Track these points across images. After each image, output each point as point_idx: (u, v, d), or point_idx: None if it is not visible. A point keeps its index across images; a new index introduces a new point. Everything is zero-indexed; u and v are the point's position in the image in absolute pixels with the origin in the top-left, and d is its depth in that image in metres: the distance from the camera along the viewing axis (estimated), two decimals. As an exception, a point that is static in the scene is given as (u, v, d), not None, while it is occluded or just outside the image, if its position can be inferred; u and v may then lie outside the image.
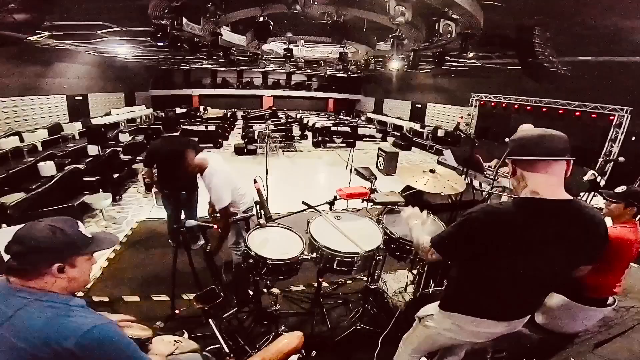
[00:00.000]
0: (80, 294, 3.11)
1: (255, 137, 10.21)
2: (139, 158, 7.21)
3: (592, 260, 1.37)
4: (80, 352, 0.91)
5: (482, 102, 11.54)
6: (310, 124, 13.73)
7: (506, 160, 1.38)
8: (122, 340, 1.02)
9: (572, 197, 1.23)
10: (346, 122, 15.31)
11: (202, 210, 4.95)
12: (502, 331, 1.45)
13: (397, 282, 3.30)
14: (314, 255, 2.17)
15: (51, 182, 4.75)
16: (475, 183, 4.21)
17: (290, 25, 5.75)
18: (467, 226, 1.28)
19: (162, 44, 5.15)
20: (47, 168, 5.94)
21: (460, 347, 1.79)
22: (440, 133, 12.99)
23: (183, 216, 3.89)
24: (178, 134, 3.74)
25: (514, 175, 1.32)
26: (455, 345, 1.69)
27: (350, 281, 3.42)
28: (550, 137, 1.20)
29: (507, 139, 1.34)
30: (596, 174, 3.86)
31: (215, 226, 2.22)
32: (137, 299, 3.13)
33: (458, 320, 1.44)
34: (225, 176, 2.67)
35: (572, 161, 1.22)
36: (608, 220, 2.30)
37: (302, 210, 2.91)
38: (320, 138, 11.77)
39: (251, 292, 2.71)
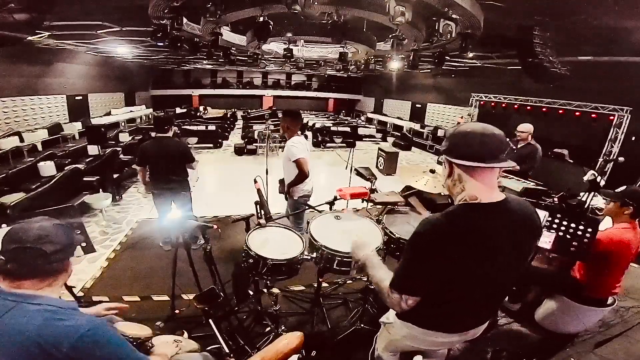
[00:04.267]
0: (81, 294, 3.12)
1: (255, 137, 10.22)
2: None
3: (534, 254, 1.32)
4: (76, 354, 0.90)
5: (482, 102, 11.54)
6: (310, 124, 13.72)
7: (440, 158, 1.28)
8: (116, 341, 1.02)
9: (505, 196, 1.19)
10: (346, 122, 15.31)
11: (201, 211, 5.00)
12: (459, 340, 1.43)
13: (397, 282, 3.30)
14: (314, 255, 2.17)
15: (51, 182, 4.75)
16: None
17: (290, 25, 5.75)
18: (420, 248, 1.16)
19: (162, 44, 5.15)
20: (47, 168, 5.94)
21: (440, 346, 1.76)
22: (440, 133, 12.98)
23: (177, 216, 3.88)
24: (170, 135, 3.75)
25: (450, 176, 1.22)
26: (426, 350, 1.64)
27: (350, 281, 3.42)
28: (492, 137, 1.10)
29: (445, 133, 1.26)
30: (596, 174, 3.85)
31: (215, 226, 2.23)
32: (137, 299, 3.13)
33: (413, 331, 1.39)
34: (302, 147, 3.19)
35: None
36: (608, 221, 2.31)
37: (302, 210, 2.91)
38: (320, 138, 11.77)
39: (251, 292, 2.71)
